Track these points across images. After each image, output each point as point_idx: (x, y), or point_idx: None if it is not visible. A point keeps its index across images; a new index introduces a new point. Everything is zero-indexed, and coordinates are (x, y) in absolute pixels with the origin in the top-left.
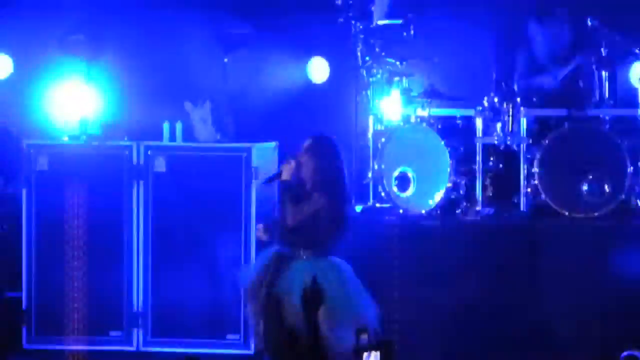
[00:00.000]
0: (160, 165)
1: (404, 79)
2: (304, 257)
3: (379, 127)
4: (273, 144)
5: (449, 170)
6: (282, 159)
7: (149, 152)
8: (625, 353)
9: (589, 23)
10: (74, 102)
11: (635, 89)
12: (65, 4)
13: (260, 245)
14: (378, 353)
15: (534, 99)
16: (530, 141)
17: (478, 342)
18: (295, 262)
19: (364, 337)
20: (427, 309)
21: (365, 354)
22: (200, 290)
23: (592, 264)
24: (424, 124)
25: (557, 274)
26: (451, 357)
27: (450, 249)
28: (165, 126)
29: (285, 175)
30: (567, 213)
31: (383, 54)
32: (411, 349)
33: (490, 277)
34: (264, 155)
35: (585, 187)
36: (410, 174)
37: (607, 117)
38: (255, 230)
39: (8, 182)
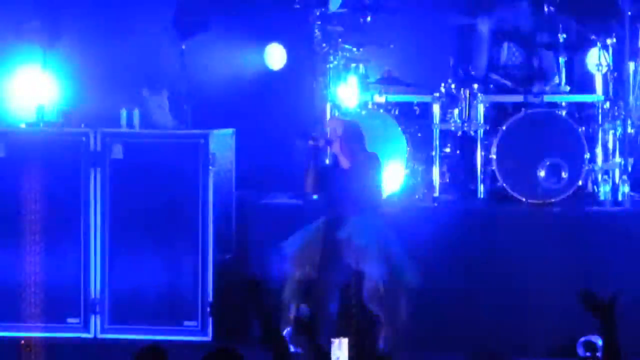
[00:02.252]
0: (117, 152)
1: (361, 66)
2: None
3: (336, 113)
4: (230, 130)
5: (406, 156)
6: (239, 146)
7: (107, 139)
8: (582, 339)
9: (546, 9)
10: (31, 89)
11: (592, 75)
12: None
13: (218, 230)
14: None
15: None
16: (488, 127)
17: (430, 326)
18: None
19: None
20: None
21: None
22: (158, 277)
23: (550, 250)
24: (382, 110)
25: (514, 260)
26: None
27: (407, 235)
28: (123, 113)
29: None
30: (524, 199)
31: (340, 40)
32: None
33: (447, 263)
34: (221, 141)
35: (542, 174)
36: None
37: (564, 103)
38: None
39: None
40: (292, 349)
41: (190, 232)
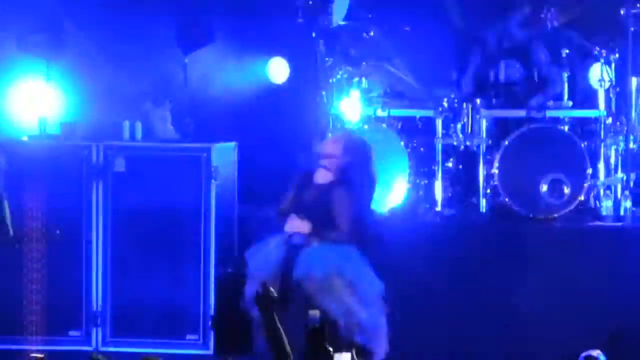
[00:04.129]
0: (119, 165)
1: (364, 80)
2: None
3: (338, 127)
4: (233, 144)
5: (408, 171)
6: (241, 159)
7: (109, 152)
8: (584, 353)
9: (549, 24)
10: (34, 101)
11: (595, 90)
12: (25, 2)
13: (220, 243)
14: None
15: (493, 96)
16: (490, 142)
17: (437, 343)
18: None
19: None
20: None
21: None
22: (160, 290)
23: (552, 265)
24: (384, 125)
25: (517, 275)
26: (412, 357)
27: (409, 250)
28: (125, 126)
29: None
30: (526, 214)
31: (343, 54)
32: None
33: (450, 278)
34: (223, 155)
35: (544, 188)
36: None
37: (566, 119)
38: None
39: None
40: None
41: (192, 245)
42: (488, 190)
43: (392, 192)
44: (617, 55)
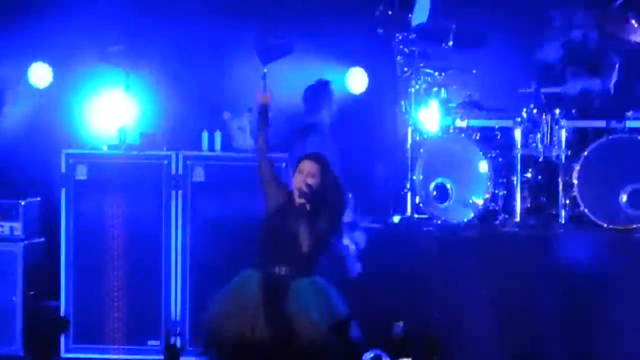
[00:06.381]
0: (198, 174)
1: (443, 90)
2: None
3: (417, 137)
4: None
5: (487, 181)
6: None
7: (188, 162)
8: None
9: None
10: (113, 111)
11: None
12: (106, 14)
13: None
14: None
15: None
16: (569, 152)
17: (518, 351)
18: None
19: (399, 325)
20: (465, 319)
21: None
22: None
23: (631, 276)
24: (463, 135)
25: (596, 285)
26: None
27: (488, 261)
28: (204, 136)
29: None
30: (605, 225)
31: (422, 64)
32: (451, 358)
33: (529, 288)
34: None
35: (624, 199)
36: (448, 185)
37: None
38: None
39: None
40: None
41: None
42: (567, 201)
43: (471, 203)
44: None
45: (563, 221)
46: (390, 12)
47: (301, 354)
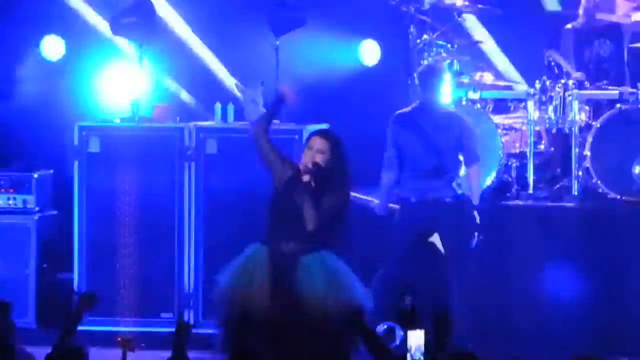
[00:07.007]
0: (211, 146)
1: (455, 62)
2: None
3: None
4: (325, 126)
5: (500, 153)
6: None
7: (201, 134)
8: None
9: None
10: (126, 84)
11: None
12: None
13: None
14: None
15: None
16: (582, 124)
17: (532, 326)
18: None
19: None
20: (478, 291)
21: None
22: None
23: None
24: (477, 106)
25: (608, 257)
26: (504, 342)
27: (501, 232)
28: (217, 108)
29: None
30: (619, 196)
31: (434, 36)
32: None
33: (541, 260)
34: None
35: (637, 170)
36: (461, 157)
37: None
38: None
39: None
40: None
41: None
42: (580, 172)
43: (484, 174)
44: None
45: (576, 193)
46: None
47: (309, 328)
